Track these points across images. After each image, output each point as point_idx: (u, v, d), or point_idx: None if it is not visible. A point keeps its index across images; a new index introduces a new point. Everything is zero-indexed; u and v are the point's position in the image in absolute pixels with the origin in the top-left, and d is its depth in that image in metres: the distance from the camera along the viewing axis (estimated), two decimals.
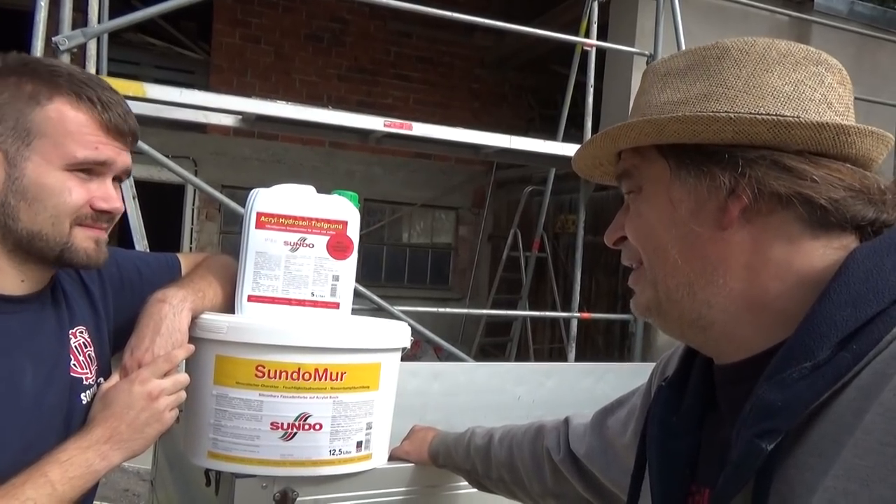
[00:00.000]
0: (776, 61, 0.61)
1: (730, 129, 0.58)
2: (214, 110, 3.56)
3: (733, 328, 0.62)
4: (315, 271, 1.05)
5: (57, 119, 0.85)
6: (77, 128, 0.86)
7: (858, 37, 5.71)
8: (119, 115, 0.90)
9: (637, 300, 0.69)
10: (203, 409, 0.99)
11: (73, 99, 0.86)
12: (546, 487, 1.01)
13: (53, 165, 0.85)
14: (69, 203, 0.87)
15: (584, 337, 5.36)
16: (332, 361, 0.99)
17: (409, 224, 8.15)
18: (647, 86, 0.68)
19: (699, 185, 0.61)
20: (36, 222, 0.86)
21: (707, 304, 0.62)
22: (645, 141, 0.64)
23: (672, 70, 0.65)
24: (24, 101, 0.85)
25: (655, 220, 0.65)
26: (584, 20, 4.72)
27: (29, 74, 0.86)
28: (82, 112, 0.87)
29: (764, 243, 0.60)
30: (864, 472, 0.48)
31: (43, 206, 0.85)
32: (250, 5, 7.23)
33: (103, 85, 0.91)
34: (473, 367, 2.07)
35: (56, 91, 0.86)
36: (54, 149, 0.85)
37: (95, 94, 0.88)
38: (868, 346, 0.52)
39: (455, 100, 8.04)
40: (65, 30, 2.95)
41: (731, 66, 0.62)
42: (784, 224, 0.59)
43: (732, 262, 0.61)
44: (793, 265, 0.59)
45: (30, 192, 0.85)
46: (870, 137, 0.59)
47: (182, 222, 6.94)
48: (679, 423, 0.68)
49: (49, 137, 0.85)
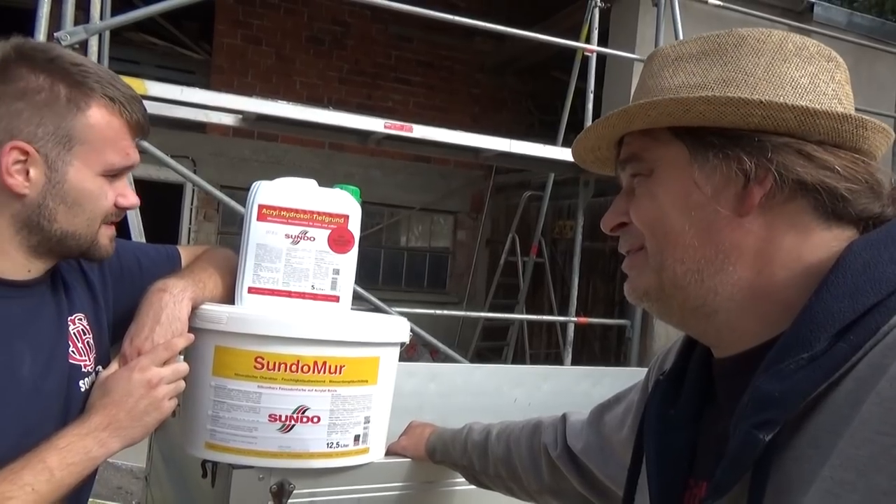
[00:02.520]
0: (793, 53, 0.61)
1: (758, 113, 0.58)
2: (215, 109, 3.56)
3: (737, 317, 0.62)
4: (316, 264, 1.06)
5: (97, 126, 0.88)
6: (114, 135, 0.90)
7: (857, 47, 5.74)
8: (139, 112, 0.93)
9: (633, 284, 0.68)
10: (201, 399, 0.99)
11: (107, 103, 0.89)
12: (543, 483, 1.01)
13: (92, 171, 0.89)
14: (104, 206, 0.91)
15: (581, 342, 5.36)
16: (331, 354, 0.99)
17: (407, 227, 8.15)
18: (656, 69, 0.67)
19: (723, 169, 0.60)
20: (73, 224, 0.89)
21: (714, 292, 0.62)
22: (664, 122, 0.63)
23: (684, 55, 0.65)
24: (64, 106, 0.86)
25: (669, 203, 0.63)
26: (585, 26, 4.75)
27: (60, 74, 0.86)
28: (115, 117, 0.90)
29: (777, 232, 0.60)
30: (861, 462, 0.48)
31: (82, 209, 0.89)
32: (252, 6, 7.24)
33: (118, 81, 0.92)
34: (470, 368, 2.06)
35: (91, 96, 0.88)
36: (95, 155, 0.89)
37: (118, 93, 0.90)
38: (865, 337, 0.52)
39: (455, 104, 8.04)
40: (67, 26, 2.96)
41: (749, 53, 0.62)
42: (798, 213, 0.59)
43: (745, 249, 0.60)
44: (802, 255, 0.59)
45: (70, 195, 0.88)
46: (881, 133, 0.60)
47: (180, 222, 6.93)
48: (677, 416, 0.68)
49: (90, 144, 0.88)
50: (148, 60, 6.94)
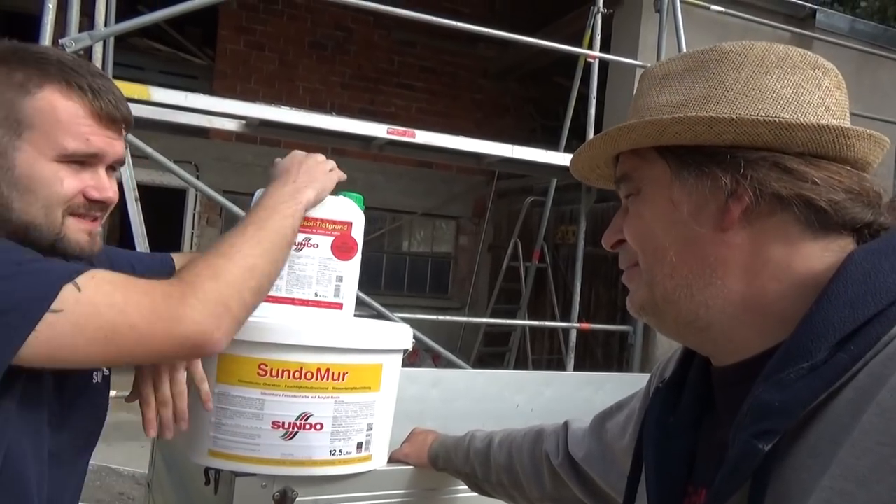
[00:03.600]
0: (774, 64, 0.61)
1: (732, 130, 0.58)
2: (218, 115, 3.57)
3: (731, 329, 0.62)
4: (319, 271, 1.06)
5: (48, 109, 0.84)
6: (68, 118, 0.85)
7: (859, 54, 5.75)
8: (111, 101, 0.88)
9: (632, 299, 0.69)
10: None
11: (63, 87, 0.85)
12: (544, 491, 1.01)
13: (45, 157, 0.85)
14: (61, 193, 0.86)
15: (583, 348, 5.35)
16: (334, 361, 0.99)
17: (409, 232, 8.16)
18: (645, 88, 0.68)
19: (700, 186, 0.61)
20: (29, 213, 0.85)
21: (705, 306, 0.62)
22: (645, 142, 0.64)
23: (670, 73, 0.66)
24: (15, 91, 0.84)
25: (654, 221, 0.65)
26: (588, 32, 4.75)
27: (18, 62, 0.85)
28: (73, 101, 0.85)
29: (763, 245, 0.60)
30: (861, 473, 0.48)
31: (35, 196, 0.85)
32: (255, 12, 7.27)
33: (93, 71, 0.89)
34: (473, 374, 2.06)
35: (46, 79, 0.85)
36: (45, 140, 0.84)
37: (86, 82, 0.86)
38: (866, 348, 0.52)
39: (458, 110, 8.06)
40: (72, 32, 2.98)
41: (730, 69, 0.62)
42: (783, 225, 0.59)
43: (731, 263, 0.61)
44: (792, 266, 0.59)
45: (21, 182, 0.84)
46: (868, 140, 0.60)
47: (183, 227, 6.95)
48: (676, 424, 0.68)
49: (40, 128, 0.84)
50: (152, 66, 6.97)
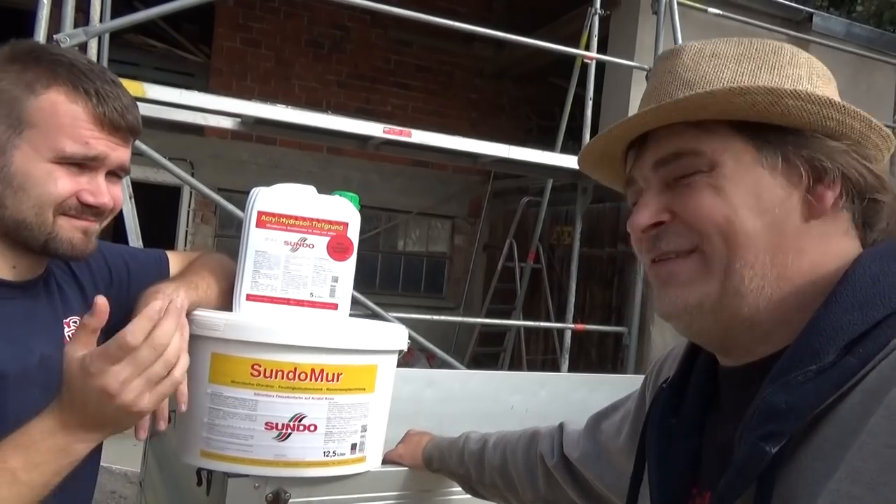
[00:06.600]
0: (817, 71, 0.62)
1: (836, 116, 0.57)
2: (214, 112, 3.56)
3: (777, 328, 0.59)
4: (314, 272, 1.05)
5: (50, 110, 0.85)
6: (70, 121, 0.85)
7: (855, 58, 5.76)
8: (116, 109, 0.88)
9: (683, 296, 0.61)
10: (197, 407, 0.98)
11: (69, 90, 0.85)
12: (539, 493, 1.01)
13: (42, 156, 0.85)
14: (52, 193, 0.86)
15: (578, 348, 5.35)
16: (328, 362, 0.98)
17: (404, 232, 8.15)
18: (690, 63, 0.63)
19: (789, 170, 0.58)
20: (20, 210, 0.85)
21: (768, 300, 0.58)
22: (747, 114, 0.58)
23: (720, 53, 0.62)
24: (22, 89, 0.85)
25: (741, 202, 0.58)
26: (585, 33, 4.75)
27: (32, 61, 0.86)
28: (77, 104, 0.86)
29: (832, 238, 0.59)
30: (869, 476, 0.48)
31: (27, 195, 0.85)
32: (252, 10, 7.24)
33: (105, 77, 0.89)
34: (467, 374, 2.06)
35: (54, 81, 0.85)
36: (44, 140, 0.85)
37: (93, 86, 0.86)
38: (874, 350, 0.52)
39: (454, 109, 8.05)
40: (66, 28, 2.96)
41: (789, 64, 0.61)
42: (846, 220, 0.59)
43: (805, 256, 0.58)
44: (825, 264, 0.58)
45: (15, 180, 0.85)
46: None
47: (177, 225, 6.92)
48: (679, 425, 0.67)
49: (40, 128, 0.85)
50: (147, 63, 6.93)
